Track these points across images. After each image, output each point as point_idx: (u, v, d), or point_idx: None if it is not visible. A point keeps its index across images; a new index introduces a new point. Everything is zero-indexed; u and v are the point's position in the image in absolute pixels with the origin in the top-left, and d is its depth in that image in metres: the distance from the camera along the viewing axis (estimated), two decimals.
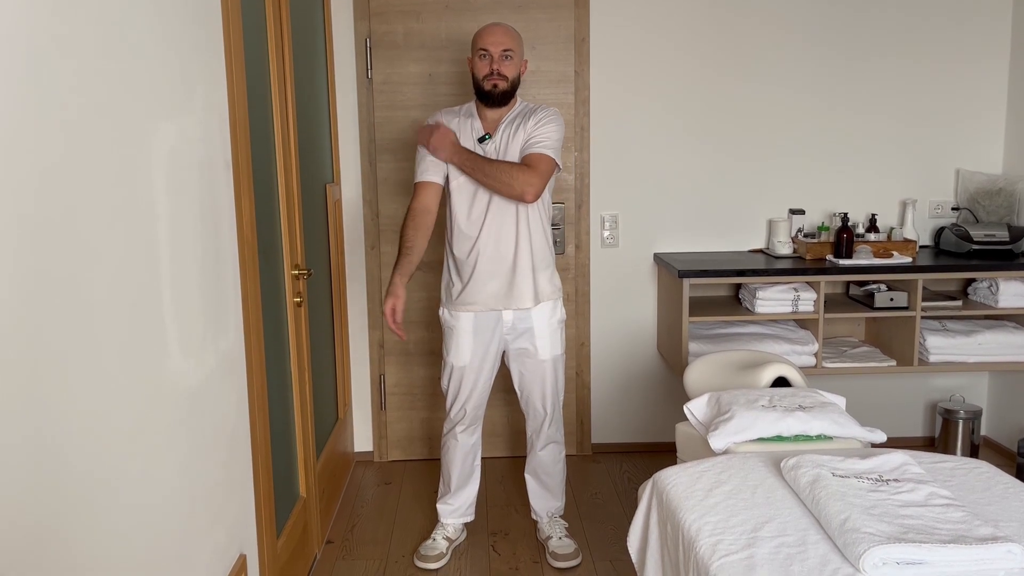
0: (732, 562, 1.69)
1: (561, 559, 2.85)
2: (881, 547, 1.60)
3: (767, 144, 3.68)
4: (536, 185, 2.62)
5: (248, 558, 2.08)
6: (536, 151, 2.65)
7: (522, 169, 2.62)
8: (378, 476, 3.66)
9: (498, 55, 2.66)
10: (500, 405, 3.72)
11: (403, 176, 3.60)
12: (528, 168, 2.62)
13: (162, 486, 1.57)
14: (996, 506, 1.88)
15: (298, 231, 2.68)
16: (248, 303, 2.09)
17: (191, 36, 1.76)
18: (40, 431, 1.15)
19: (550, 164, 2.66)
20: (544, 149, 2.65)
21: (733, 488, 2.00)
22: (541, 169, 2.63)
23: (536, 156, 2.64)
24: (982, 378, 3.87)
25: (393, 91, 3.56)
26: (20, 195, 1.11)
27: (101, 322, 1.33)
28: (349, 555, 2.97)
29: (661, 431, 3.80)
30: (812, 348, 3.36)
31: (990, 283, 3.45)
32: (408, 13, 3.52)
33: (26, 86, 1.13)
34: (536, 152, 2.65)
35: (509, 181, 2.60)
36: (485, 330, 2.78)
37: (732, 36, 3.60)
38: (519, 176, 2.60)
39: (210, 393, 1.84)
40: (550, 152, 2.66)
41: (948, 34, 3.65)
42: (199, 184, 1.79)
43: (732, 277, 3.36)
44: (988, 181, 3.65)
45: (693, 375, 2.82)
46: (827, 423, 2.30)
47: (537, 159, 2.64)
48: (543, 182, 2.65)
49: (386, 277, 3.67)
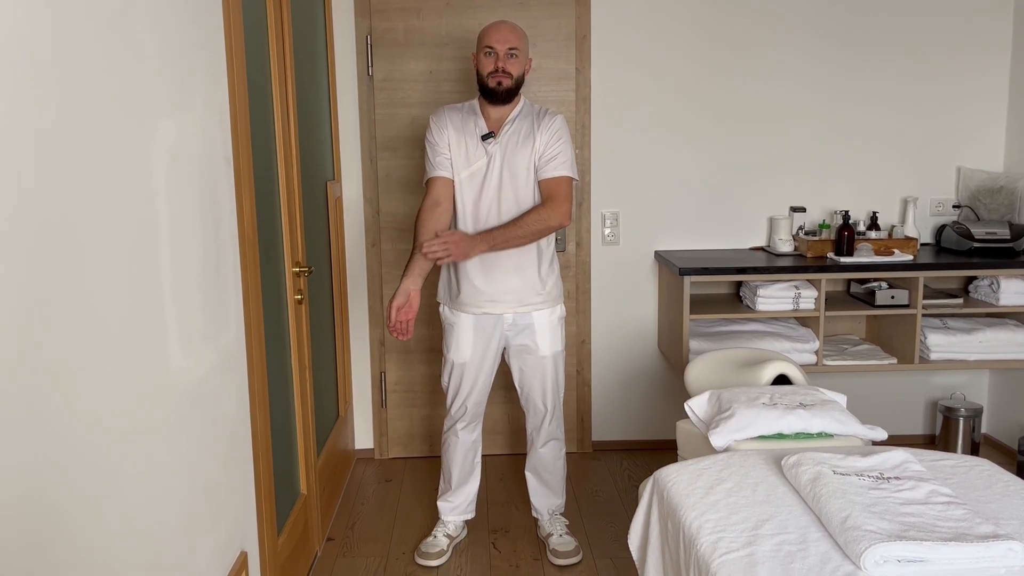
0: (733, 560, 1.69)
1: (562, 556, 2.86)
2: (882, 545, 1.60)
3: (768, 142, 3.67)
4: (568, 210, 2.70)
5: (249, 555, 2.08)
6: (556, 175, 2.68)
7: (548, 206, 2.66)
8: (379, 473, 3.66)
9: (504, 53, 2.66)
10: (500, 402, 3.72)
11: (404, 173, 3.60)
12: (553, 200, 2.67)
13: (163, 483, 1.57)
14: (997, 504, 1.88)
15: (299, 228, 2.68)
16: (249, 300, 2.09)
17: (192, 33, 1.76)
18: (42, 427, 1.15)
19: (570, 184, 2.72)
20: (564, 171, 2.69)
21: (734, 486, 2.00)
22: (565, 193, 2.69)
23: (555, 182, 2.68)
24: (983, 376, 3.87)
25: (394, 88, 3.56)
26: (21, 192, 1.11)
27: (102, 319, 1.33)
28: (350, 552, 2.97)
29: (662, 429, 3.80)
30: (813, 346, 3.36)
31: (991, 281, 3.45)
32: (409, 10, 3.51)
33: (25, 84, 1.13)
34: (555, 177, 2.68)
35: (544, 226, 2.66)
36: (486, 327, 2.78)
37: (733, 35, 3.59)
38: (550, 213, 2.66)
39: (211, 390, 1.84)
40: (567, 172, 2.70)
41: (950, 32, 3.64)
42: (200, 181, 1.78)
43: (733, 275, 3.36)
44: (989, 179, 3.65)
45: (694, 373, 2.82)
46: (828, 421, 2.30)
47: (558, 185, 2.68)
48: (571, 203, 2.72)
49: (387, 274, 3.67)
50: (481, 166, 2.71)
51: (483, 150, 2.71)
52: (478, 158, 2.71)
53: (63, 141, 1.22)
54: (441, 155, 2.73)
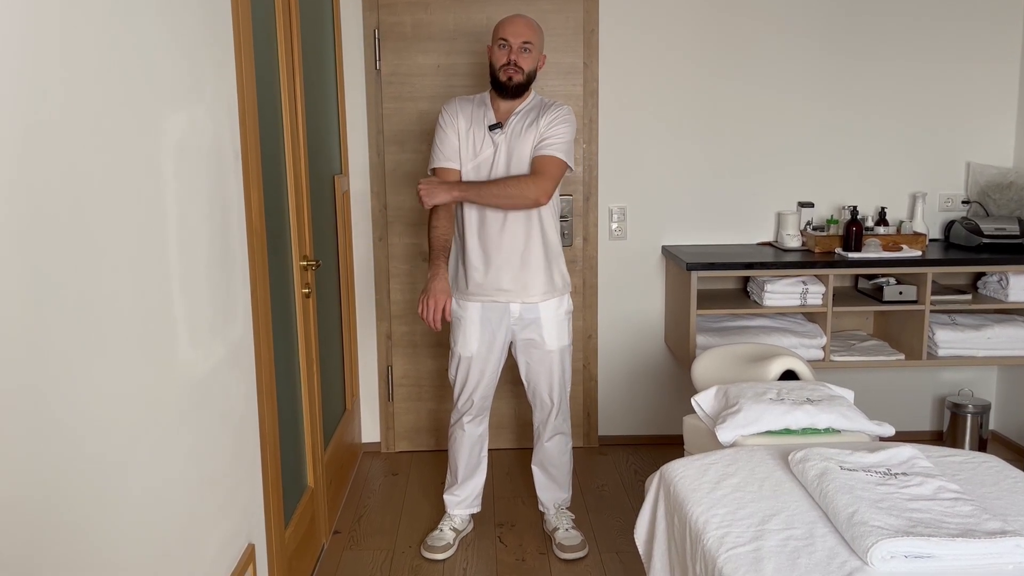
0: (739, 554, 1.69)
1: (568, 551, 2.86)
2: (889, 540, 1.59)
3: (776, 137, 3.66)
4: (548, 188, 2.64)
5: (256, 547, 2.09)
6: (546, 153, 2.66)
7: (529, 177, 2.64)
8: (385, 467, 3.67)
9: (517, 47, 2.66)
10: (507, 397, 3.72)
11: (411, 167, 3.60)
12: (537, 174, 2.64)
13: (171, 475, 1.58)
14: (1005, 500, 1.88)
15: (306, 222, 2.69)
16: (257, 294, 2.09)
17: (200, 27, 1.76)
18: (50, 419, 1.16)
19: (560, 166, 2.67)
20: (554, 151, 2.66)
21: (741, 481, 2.00)
22: (551, 172, 2.65)
23: (545, 159, 2.66)
24: (991, 372, 3.86)
25: (401, 82, 3.56)
26: (30, 185, 1.11)
27: (111, 311, 1.33)
28: (356, 545, 2.98)
29: (668, 424, 3.80)
30: (820, 341, 3.36)
31: (1000, 277, 3.43)
32: (416, 4, 3.51)
33: (34, 78, 1.13)
34: (546, 155, 2.66)
35: (520, 193, 2.62)
36: (492, 320, 2.79)
37: (743, 30, 3.58)
38: (529, 185, 2.62)
39: (218, 383, 1.84)
40: (560, 154, 2.66)
41: (960, 28, 3.62)
42: (208, 175, 1.79)
43: (740, 270, 3.35)
44: (999, 175, 3.63)
45: (701, 368, 2.82)
46: (835, 416, 2.30)
47: (546, 162, 2.65)
48: (554, 185, 2.66)
49: (394, 268, 3.67)
50: (488, 156, 2.71)
51: (490, 140, 2.71)
52: (485, 148, 2.72)
53: (71, 134, 1.22)
54: (450, 145, 2.73)
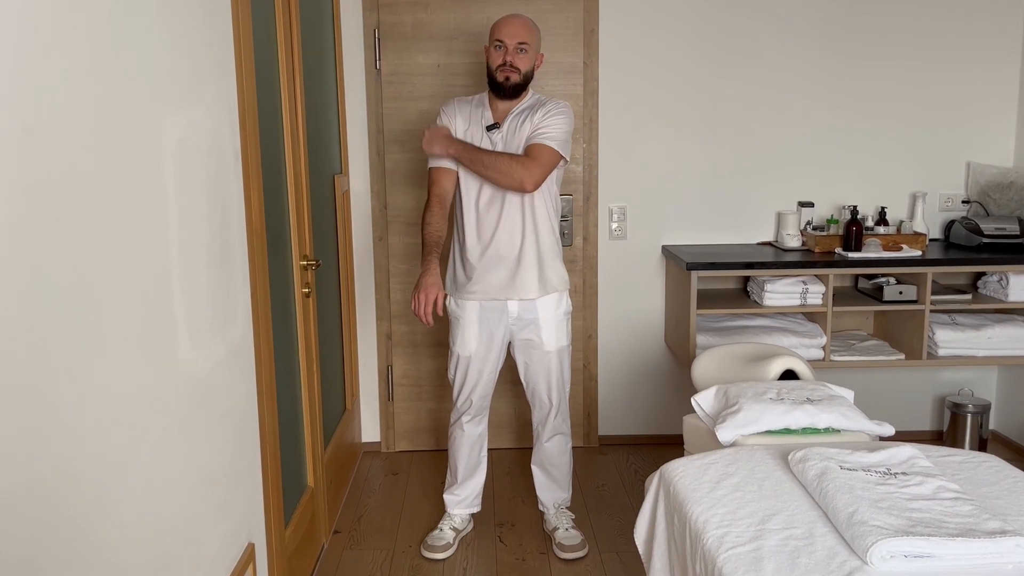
0: (739, 554, 1.69)
1: (567, 550, 2.86)
2: (889, 540, 1.59)
3: (777, 137, 3.66)
4: (536, 174, 2.61)
5: (256, 547, 2.09)
6: (539, 141, 2.64)
7: (522, 159, 2.62)
8: (385, 467, 3.67)
9: (513, 47, 2.66)
10: (507, 396, 3.72)
11: (411, 167, 3.60)
12: (528, 158, 2.62)
13: (171, 475, 1.58)
14: (1005, 500, 1.88)
15: (306, 222, 2.69)
16: (257, 293, 2.09)
17: (200, 27, 1.76)
18: (51, 418, 1.16)
19: (552, 155, 2.65)
20: (547, 140, 2.64)
21: (740, 480, 2.00)
22: (542, 159, 2.63)
23: (538, 147, 2.64)
24: (991, 372, 3.86)
25: (401, 82, 3.56)
26: (30, 184, 1.11)
27: (111, 311, 1.33)
28: (356, 545, 2.98)
29: (668, 423, 3.80)
30: (820, 341, 3.36)
31: (1000, 277, 3.43)
32: (417, 4, 3.51)
33: (33, 77, 1.13)
34: (539, 143, 2.64)
35: (508, 171, 2.60)
36: (491, 320, 2.79)
37: (743, 29, 3.58)
38: (518, 166, 2.60)
39: (219, 382, 1.84)
40: (553, 143, 2.64)
41: (961, 27, 3.62)
42: (208, 174, 1.79)
43: (740, 270, 3.36)
44: (999, 174, 3.63)
45: (701, 367, 2.82)
46: (835, 416, 2.30)
47: (539, 149, 2.63)
48: (544, 172, 2.64)
49: (394, 268, 3.68)
50: None
51: (488, 141, 2.71)
52: None
53: (71, 134, 1.22)
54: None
